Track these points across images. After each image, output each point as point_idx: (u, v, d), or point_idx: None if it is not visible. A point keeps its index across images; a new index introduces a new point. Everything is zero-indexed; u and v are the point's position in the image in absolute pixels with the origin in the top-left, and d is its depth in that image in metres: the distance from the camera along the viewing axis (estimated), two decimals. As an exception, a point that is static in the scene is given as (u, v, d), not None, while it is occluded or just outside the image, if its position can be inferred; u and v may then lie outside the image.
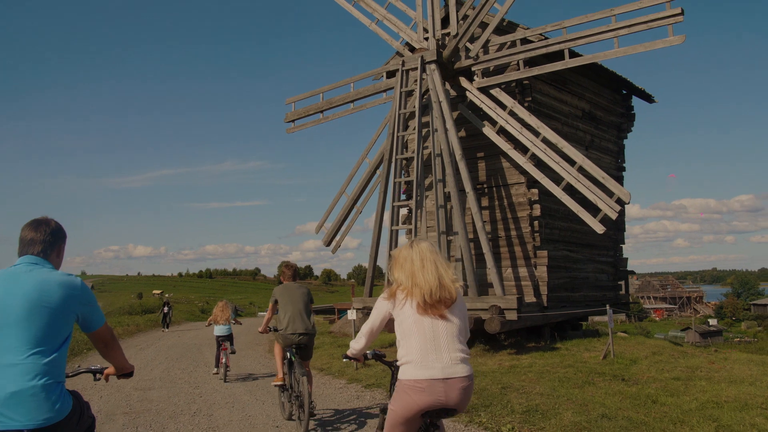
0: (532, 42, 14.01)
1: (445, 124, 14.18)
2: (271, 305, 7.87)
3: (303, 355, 7.52)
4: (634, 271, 20.14)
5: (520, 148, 14.13)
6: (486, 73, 14.96)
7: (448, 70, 14.89)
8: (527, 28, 14.20)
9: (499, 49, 14.55)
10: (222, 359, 11.92)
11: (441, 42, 15.02)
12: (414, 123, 15.30)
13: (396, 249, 3.64)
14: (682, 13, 12.00)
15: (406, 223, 16.29)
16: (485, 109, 14.46)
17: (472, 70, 14.92)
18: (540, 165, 13.91)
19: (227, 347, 11.97)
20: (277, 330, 7.68)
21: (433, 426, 3.44)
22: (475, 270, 13.89)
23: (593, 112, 17.36)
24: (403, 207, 15.56)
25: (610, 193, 13.04)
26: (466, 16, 14.69)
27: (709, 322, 72.10)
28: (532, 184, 14.78)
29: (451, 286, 3.34)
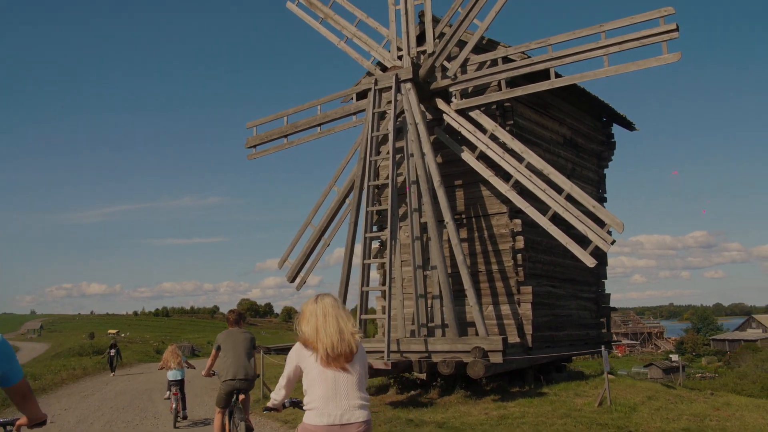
0: (514, 61, 13.05)
1: (422, 148, 13.04)
2: (213, 351, 8.12)
3: (243, 401, 7.71)
4: (616, 307, 19.14)
5: (502, 174, 13.05)
6: (464, 94, 13.93)
7: (424, 91, 13.81)
8: (508, 47, 13.27)
9: (478, 68, 13.56)
10: (172, 405, 11.54)
11: (416, 60, 13.98)
12: (387, 147, 14.15)
13: (304, 303, 3.88)
14: (677, 29, 11.20)
15: (377, 256, 14.98)
16: (464, 132, 13.39)
17: (450, 90, 13.88)
18: (523, 193, 12.85)
19: (178, 392, 11.65)
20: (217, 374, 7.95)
21: None
22: (454, 308, 12.63)
23: (574, 138, 16.47)
24: (375, 239, 14.30)
25: (601, 224, 12.01)
26: (442, 34, 13.71)
27: (671, 357, 72.12)
28: (515, 214, 13.68)
29: (351, 339, 3.61)
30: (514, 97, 13.45)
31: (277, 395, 3.97)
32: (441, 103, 13.87)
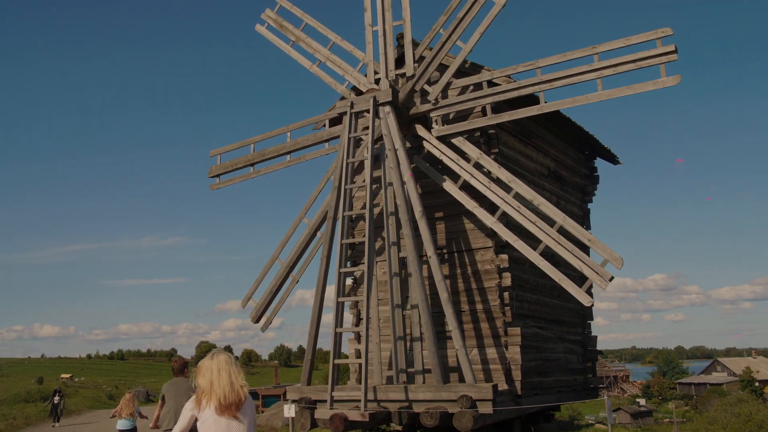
0: (499, 85, 12.21)
1: (402, 176, 12.00)
2: (159, 402, 8.02)
3: None
4: (602, 351, 18.12)
5: (487, 206, 12.06)
6: (446, 120, 13.01)
7: (403, 117, 12.84)
8: (493, 70, 12.44)
9: (461, 93, 12.68)
10: None
11: (394, 84, 13.06)
12: (362, 176, 13.11)
13: (201, 360, 4.34)
14: (676, 51, 10.49)
15: (350, 294, 13.75)
16: (446, 161, 12.42)
17: (431, 116, 12.96)
18: (510, 225, 11.86)
19: None
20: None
21: None
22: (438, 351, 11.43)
23: (558, 171, 15.65)
24: (349, 275, 13.13)
25: (596, 259, 11.06)
26: (422, 57, 12.85)
27: (639, 402, 71.40)
28: (501, 248, 12.67)
29: (240, 390, 4.19)
30: (499, 124, 12.59)
31: None
32: (421, 130, 12.91)
